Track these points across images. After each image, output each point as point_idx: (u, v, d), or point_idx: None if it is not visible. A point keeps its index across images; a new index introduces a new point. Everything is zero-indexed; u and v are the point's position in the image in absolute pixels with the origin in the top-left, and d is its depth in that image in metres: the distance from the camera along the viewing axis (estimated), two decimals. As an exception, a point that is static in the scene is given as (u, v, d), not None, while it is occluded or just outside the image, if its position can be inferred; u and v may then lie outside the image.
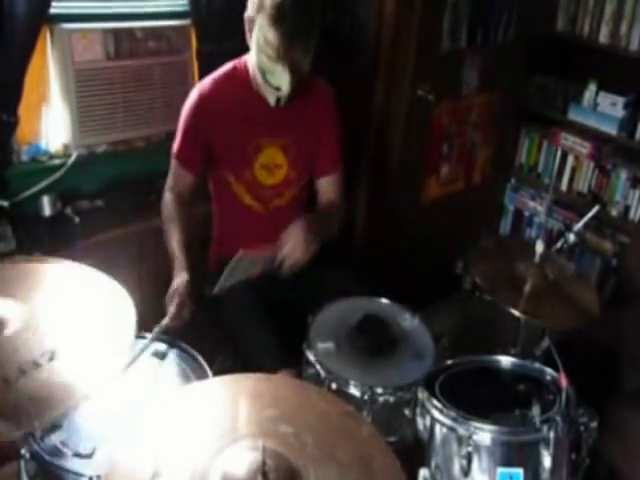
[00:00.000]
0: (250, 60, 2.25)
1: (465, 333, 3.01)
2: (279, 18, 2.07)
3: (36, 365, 1.33)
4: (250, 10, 2.17)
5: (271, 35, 2.09)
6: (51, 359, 1.34)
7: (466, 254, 2.40)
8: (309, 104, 2.37)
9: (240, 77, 2.29)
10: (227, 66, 2.34)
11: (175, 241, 2.24)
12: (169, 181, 2.38)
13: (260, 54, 2.16)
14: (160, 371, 1.90)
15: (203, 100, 2.28)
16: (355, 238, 3.29)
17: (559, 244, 2.36)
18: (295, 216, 2.48)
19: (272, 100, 2.23)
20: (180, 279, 2.13)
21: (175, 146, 2.34)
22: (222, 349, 2.39)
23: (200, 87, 2.32)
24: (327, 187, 2.49)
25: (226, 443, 1.32)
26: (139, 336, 1.97)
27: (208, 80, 2.32)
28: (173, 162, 2.36)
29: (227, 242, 2.48)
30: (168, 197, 2.36)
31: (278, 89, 2.19)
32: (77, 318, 1.48)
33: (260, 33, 2.13)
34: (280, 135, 2.35)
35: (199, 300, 2.45)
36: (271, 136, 2.34)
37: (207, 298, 2.42)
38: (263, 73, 2.19)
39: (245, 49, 2.27)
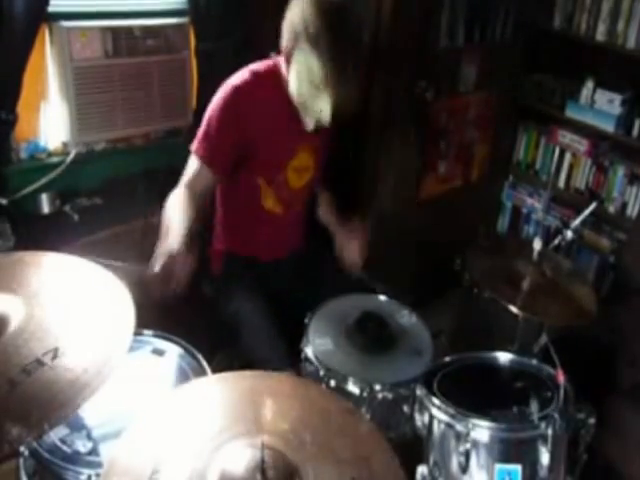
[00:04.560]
0: (290, 87, 2.12)
1: (463, 330, 3.02)
2: (327, 49, 1.97)
3: (40, 364, 1.30)
4: (288, 40, 2.06)
5: (317, 66, 1.99)
6: (55, 357, 1.32)
7: (464, 251, 2.40)
8: None
9: (276, 80, 2.17)
10: (261, 65, 2.22)
11: (177, 221, 2.00)
12: (186, 178, 2.17)
13: (301, 84, 2.07)
14: (159, 368, 1.90)
15: (240, 96, 2.14)
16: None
17: (557, 241, 2.36)
18: (302, 218, 2.49)
19: (311, 124, 2.17)
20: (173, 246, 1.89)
21: (201, 143, 2.17)
22: (221, 347, 2.40)
23: (236, 84, 2.15)
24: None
25: (225, 440, 1.32)
26: (138, 333, 1.99)
27: (243, 76, 2.17)
28: (197, 160, 2.17)
29: (234, 242, 2.45)
30: (182, 192, 2.13)
31: (320, 111, 2.10)
32: (77, 313, 1.46)
33: (302, 65, 2.04)
34: (311, 139, 2.28)
35: (199, 300, 2.45)
36: (305, 140, 2.27)
37: (207, 297, 2.43)
38: (304, 101, 2.11)
39: (243, 47, 2.27)
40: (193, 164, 2.17)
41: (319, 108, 2.10)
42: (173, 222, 1.99)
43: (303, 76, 2.06)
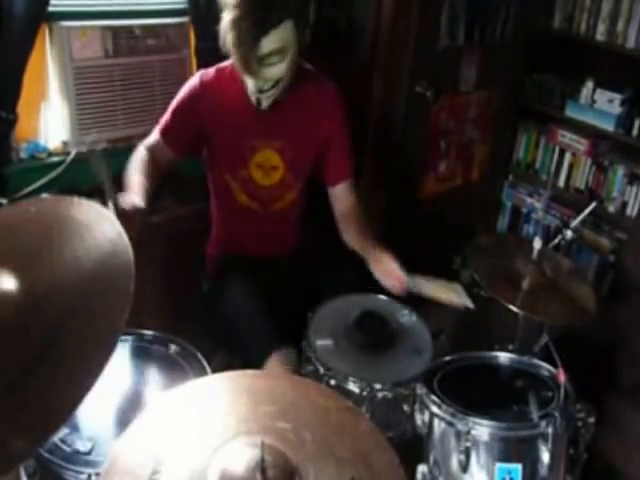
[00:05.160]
0: None
1: (463, 329, 3.02)
2: (234, 19, 2.00)
3: (38, 360, 1.22)
4: None
5: (229, 36, 2.03)
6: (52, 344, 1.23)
7: (464, 250, 2.40)
8: (309, 104, 2.31)
9: (239, 75, 2.19)
10: (230, 61, 2.24)
11: (134, 178, 2.14)
12: (149, 142, 2.31)
13: (230, 50, 2.08)
14: (159, 368, 1.90)
15: (205, 87, 2.24)
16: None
17: (556, 240, 2.36)
18: (294, 218, 2.48)
19: (253, 100, 2.18)
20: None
21: (162, 120, 2.30)
22: (220, 346, 2.40)
23: (204, 74, 2.27)
24: (344, 194, 2.41)
25: (225, 440, 1.32)
26: (136, 332, 1.99)
27: (212, 70, 2.27)
28: (156, 134, 2.30)
29: (225, 241, 2.48)
30: (142, 151, 2.28)
31: (247, 82, 2.13)
32: (74, 283, 1.34)
33: (224, 26, 2.05)
34: (275, 138, 2.29)
35: (198, 299, 2.46)
36: (266, 139, 2.29)
37: (206, 297, 2.43)
38: (242, 75, 2.13)
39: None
40: (154, 136, 2.32)
41: (246, 82, 2.13)
42: (133, 183, 2.11)
43: (226, 39, 2.07)
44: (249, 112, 2.22)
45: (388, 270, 2.20)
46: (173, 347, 1.96)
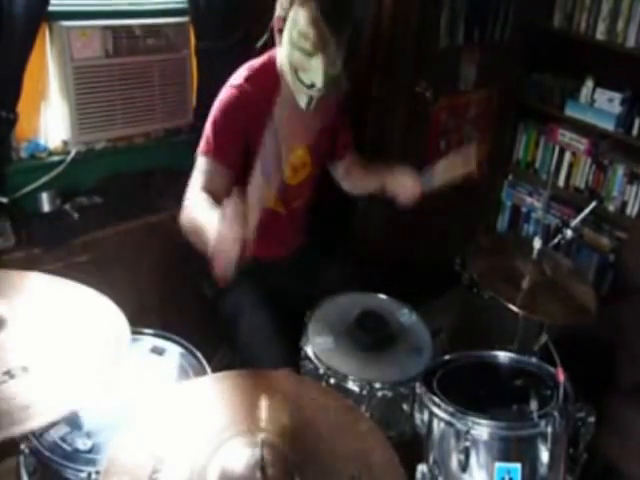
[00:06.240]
0: (280, 60, 2.13)
1: (463, 328, 3.02)
2: (317, 9, 1.97)
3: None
4: (280, 9, 2.06)
5: (307, 26, 1.98)
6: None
7: (464, 250, 2.40)
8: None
9: (271, 74, 2.17)
10: (256, 61, 2.22)
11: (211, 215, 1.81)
12: (199, 181, 2.05)
13: (293, 50, 2.04)
14: (159, 367, 1.90)
15: (243, 95, 2.13)
16: (353, 234, 3.30)
17: (556, 240, 2.37)
18: (304, 216, 2.48)
19: (304, 102, 2.11)
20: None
21: (210, 144, 2.11)
22: (221, 345, 2.40)
23: (234, 82, 2.16)
24: (344, 165, 2.51)
25: (225, 438, 1.32)
26: (136, 332, 1.99)
27: (240, 75, 2.18)
28: (208, 160, 2.09)
29: None
30: (198, 195, 2.01)
31: (311, 86, 2.06)
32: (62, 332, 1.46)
33: (294, 28, 2.02)
34: (307, 136, 2.29)
35: (199, 299, 2.46)
36: (301, 138, 2.26)
37: (207, 296, 2.43)
38: (295, 72, 2.07)
39: (242, 46, 2.26)
40: (204, 166, 2.09)
41: (310, 80, 2.06)
42: (207, 216, 1.83)
43: (295, 40, 2.03)
44: (286, 113, 2.16)
45: (401, 182, 2.37)
46: (173, 346, 1.97)
